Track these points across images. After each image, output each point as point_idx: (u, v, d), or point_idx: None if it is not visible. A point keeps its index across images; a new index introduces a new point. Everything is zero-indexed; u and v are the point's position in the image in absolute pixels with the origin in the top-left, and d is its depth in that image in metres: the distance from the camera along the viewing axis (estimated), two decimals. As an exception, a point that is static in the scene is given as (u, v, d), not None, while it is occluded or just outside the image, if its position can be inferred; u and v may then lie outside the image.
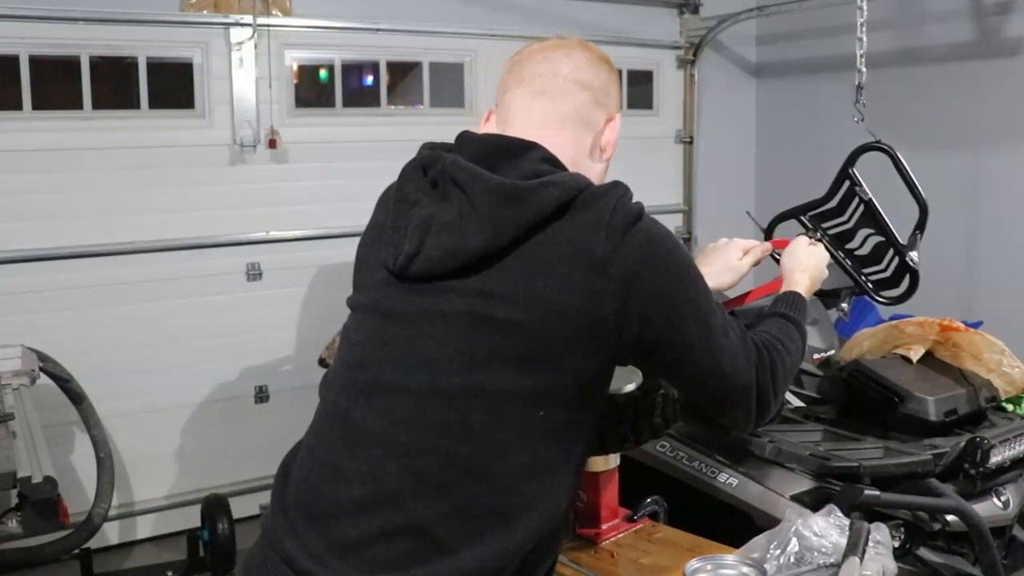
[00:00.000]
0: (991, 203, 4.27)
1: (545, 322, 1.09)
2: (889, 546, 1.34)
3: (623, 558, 1.60)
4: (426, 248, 1.14)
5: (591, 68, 1.27)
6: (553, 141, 1.22)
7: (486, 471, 1.10)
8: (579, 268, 1.09)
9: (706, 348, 1.16)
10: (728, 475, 2.29)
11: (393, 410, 1.13)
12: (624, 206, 1.14)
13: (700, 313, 1.16)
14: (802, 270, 1.57)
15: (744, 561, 1.36)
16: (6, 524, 2.18)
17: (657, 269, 1.12)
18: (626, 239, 1.11)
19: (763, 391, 1.22)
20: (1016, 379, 2.59)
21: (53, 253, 3.44)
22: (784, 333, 1.34)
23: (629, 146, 5.61)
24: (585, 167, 1.25)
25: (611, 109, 1.29)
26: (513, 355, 1.10)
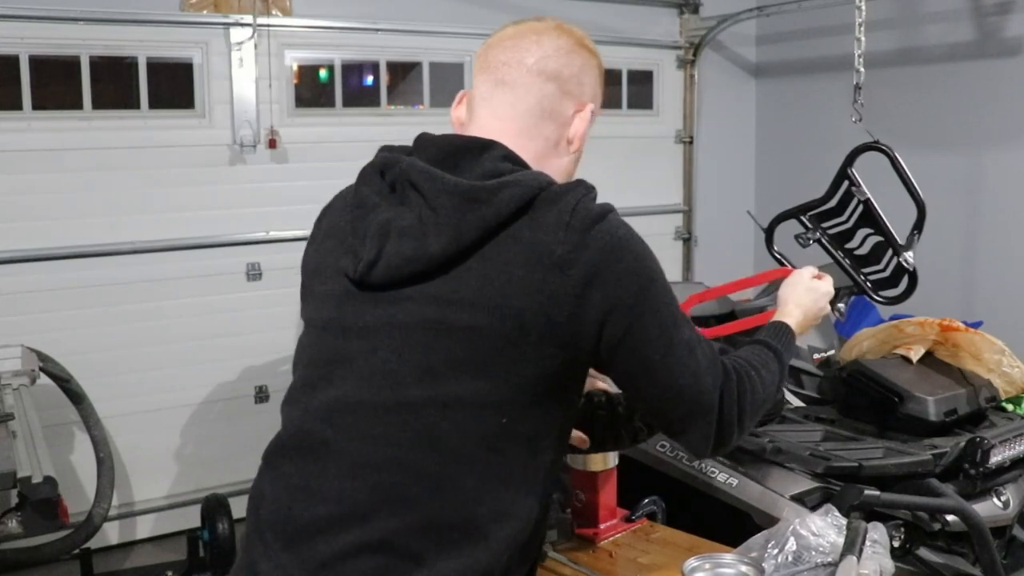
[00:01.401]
0: (991, 203, 4.27)
1: (502, 326, 1.06)
2: (886, 545, 1.34)
3: (621, 557, 1.60)
4: (386, 254, 1.11)
5: (561, 56, 1.21)
6: (514, 135, 1.18)
7: (455, 483, 1.08)
8: (537, 269, 1.06)
9: (666, 363, 1.12)
10: (728, 475, 2.29)
11: (358, 427, 1.11)
12: (585, 205, 1.10)
13: (663, 325, 1.11)
14: (797, 303, 1.50)
15: (742, 560, 1.36)
16: (6, 524, 2.18)
17: (618, 273, 1.08)
18: (586, 240, 1.08)
19: (726, 418, 1.16)
20: (1016, 379, 2.59)
21: (53, 253, 3.44)
22: (761, 362, 1.27)
23: (629, 146, 5.62)
24: (550, 161, 1.21)
25: (583, 98, 1.23)
26: (472, 362, 1.07)
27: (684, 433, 1.18)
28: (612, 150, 4.81)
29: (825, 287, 1.55)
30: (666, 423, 1.19)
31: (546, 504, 1.19)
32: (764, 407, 1.24)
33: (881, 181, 2.71)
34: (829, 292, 1.54)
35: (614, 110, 4.90)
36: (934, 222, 2.69)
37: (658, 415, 1.19)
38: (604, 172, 5.56)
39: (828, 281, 1.56)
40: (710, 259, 5.16)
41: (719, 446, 1.17)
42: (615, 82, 4.90)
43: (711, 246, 5.22)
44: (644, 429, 1.48)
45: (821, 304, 1.53)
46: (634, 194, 4.92)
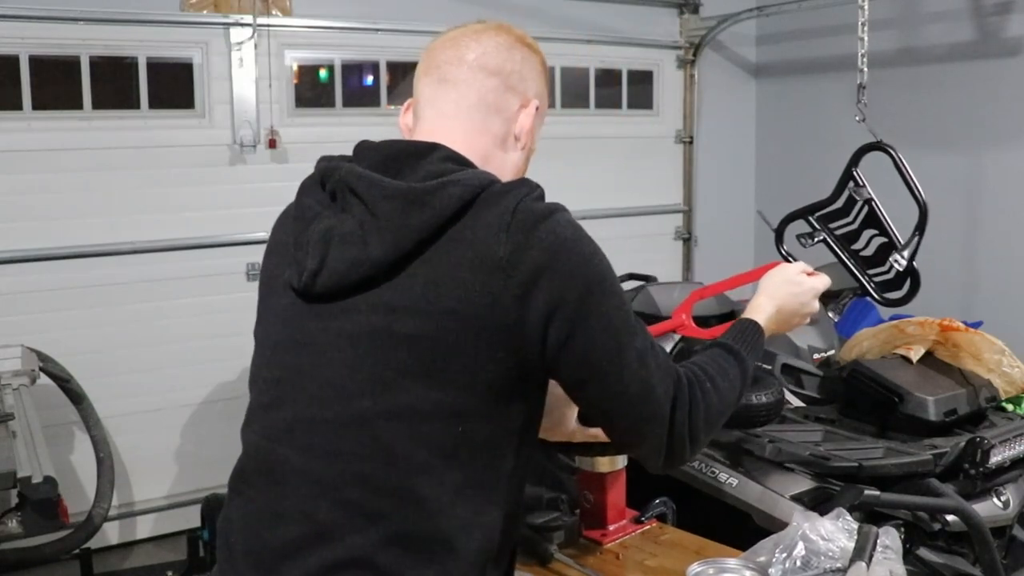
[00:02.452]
0: (991, 203, 4.27)
1: (448, 332, 1.04)
2: (899, 550, 1.34)
3: (629, 559, 1.59)
4: (329, 262, 1.09)
5: (502, 52, 1.21)
6: (460, 132, 1.17)
7: (415, 495, 1.05)
8: (480, 271, 1.03)
9: (615, 370, 1.07)
10: (728, 475, 2.29)
11: (315, 444, 1.09)
12: (527, 205, 1.07)
13: (610, 329, 1.07)
14: (771, 296, 1.37)
15: (747, 565, 1.36)
16: (6, 524, 2.17)
17: (563, 273, 1.05)
18: (530, 239, 1.04)
19: (678, 431, 1.11)
20: (1016, 379, 2.60)
21: (53, 253, 3.43)
22: (718, 369, 1.19)
23: (629, 146, 5.63)
24: (497, 158, 1.19)
25: (527, 93, 1.22)
26: (421, 371, 1.05)
27: (634, 445, 1.15)
28: (612, 150, 4.82)
29: (811, 283, 1.41)
30: (616, 433, 1.15)
31: (513, 512, 1.15)
32: (721, 419, 1.18)
33: (887, 182, 2.71)
34: (814, 288, 1.40)
35: (614, 110, 4.90)
36: (935, 222, 2.69)
37: (608, 425, 1.14)
38: (604, 172, 5.59)
39: (821, 278, 1.43)
40: (710, 259, 5.17)
41: (671, 459, 1.13)
42: (615, 82, 4.90)
43: (711, 246, 5.22)
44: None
45: (804, 300, 1.39)
46: (634, 194, 4.92)
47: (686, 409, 1.11)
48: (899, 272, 2.65)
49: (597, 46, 4.68)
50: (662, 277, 3.72)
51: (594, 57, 4.73)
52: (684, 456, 1.14)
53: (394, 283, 1.06)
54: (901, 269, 2.61)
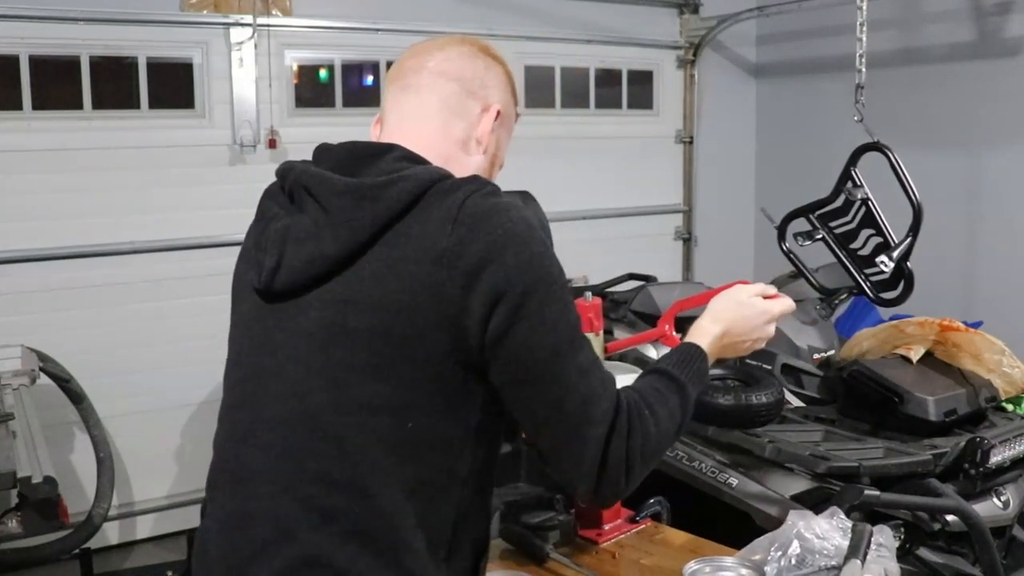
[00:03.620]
0: (991, 203, 4.27)
1: (395, 325, 1.04)
2: (892, 548, 1.34)
3: (624, 559, 1.59)
4: (286, 259, 1.11)
5: (463, 59, 1.23)
6: (419, 135, 1.18)
7: (368, 492, 1.05)
8: (424, 263, 1.03)
9: (550, 377, 1.05)
10: (728, 475, 2.29)
11: (274, 443, 1.10)
12: (477, 199, 1.07)
13: (551, 333, 1.05)
14: (717, 319, 1.29)
15: (743, 563, 1.36)
16: (6, 524, 2.18)
17: (507, 267, 1.03)
18: (476, 232, 1.04)
19: (613, 459, 1.05)
20: (1016, 379, 2.59)
21: (53, 253, 3.44)
22: (660, 399, 1.14)
23: (629, 146, 5.63)
24: (458, 161, 1.20)
25: (488, 99, 1.23)
26: (370, 364, 1.05)
27: (562, 464, 1.08)
28: (612, 150, 4.82)
29: (764, 306, 1.32)
30: (545, 448, 1.10)
31: (472, 512, 1.13)
32: (660, 453, 1.13)
33: (886, 181, 2.71)
34: (768, 312, 1.32)
35: (614, 110, 4.90)
36: (934, 222, 2.70)
37: (537, 436, 1.09)
38: (604, 172, 5.59)
39: (780, 301, 1.34)
40: (710, 259, 5.16)
41: (600, 489, 1.07)
42: (615, 82, 4.90)
43: (711, 246, 5.22)
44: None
45: (755, 324, 1.31)
46: (634, 194, 4.92)
47: (624, 437, 1.06)
48: (903, 272, 2.66)
49: (597, 46, 4.68)
50: (662, 277, 3.72)
51: (594, 57, 4.73)
52: (615, 488, 1.08)
53: (346, 278, 1.07)
54: (887, 271, 2.61)
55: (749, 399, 2.26)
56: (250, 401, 1.15)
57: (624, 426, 1.07)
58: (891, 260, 2.62)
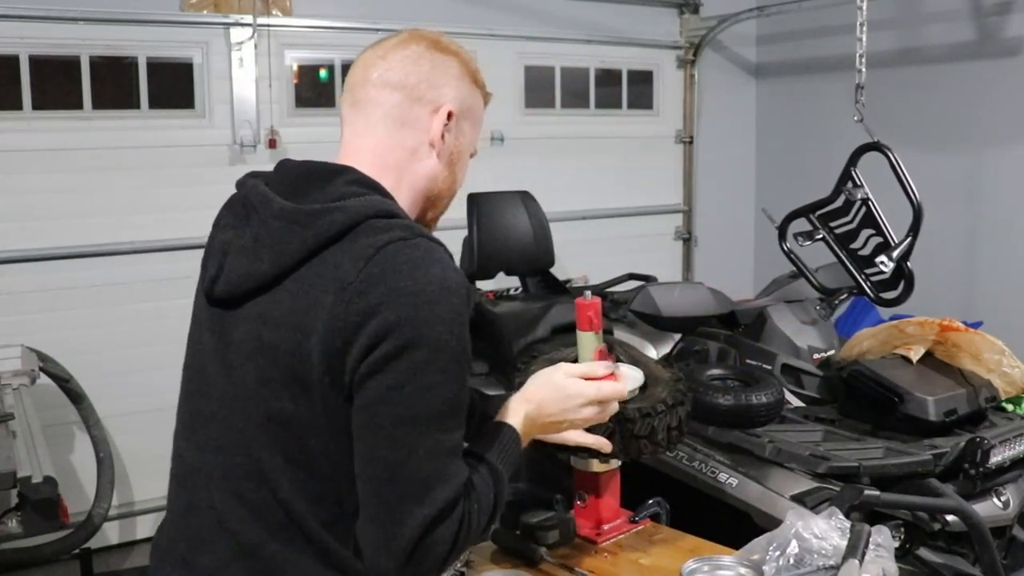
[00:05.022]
0: (991, 203, 4.27)
1: (299, 345, 1.07)
2: (890, 548, 1.34)
3: (623, 559, 1.59)
4: (225, 271, 1.16)
5: (406, 65, 1.21)
6: (368, 151, 1.20)
7: (280, 497, 1.10)
8: (330, 292, 1.05)
9: (397, 441, 1.03)
10: (728, 475, 2.29)
11: (210, 440, 1.17)
12: (399, 247, 1.06)
13: (418, 399, 1.03)
14: (527, 399, 1.25)
15: (741, 562, 1.36)
16: (6, 524, 2.18)
17: (401, 318, 1.03)
18: (383, 276, 1.04)
19: (432, 546, 1.03)
20: (1016, 379, 2.59)
21: (53, 253, 3.44)
22: (485, 493, 1.11)
23: (629, 146, 5.62)
24: (413, 169, 1.21)
25: (438, 100, 1.22)
26: (278, 380, 1.09)
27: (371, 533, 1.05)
28: (612, 150, 4.82)
29: (580, 389, 1.26)
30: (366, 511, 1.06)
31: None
32: (469, 543, 1.11)
33: (886, 182, 2.71)
34: (583, 395, 1.26)
35: (614, 110, 4.90)
36: (935, 221, 2.69)
37: (364, 494, 1.06)
38: (604, 172, 5.59)
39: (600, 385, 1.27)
40: (710, 259, 5.17)
41: (405, 568, 1.03)
42: (615, 82, 4.90)
43: (711, 246, 5.22)
44: (660, 444, 1.48)
45: (567, 406, 1.25)
46: (634, 194, 4.92)
47: (454, 528, 1.05)
48: (903, 272, 2.65)
49: (597, 46, 4.68)
50: (662, 277, 3.72)
51: (594, 57, 4.74)
52: (420, 571, 1.04)
53: (272, 295, 1.11)
54: (887, 271, 2.61)
55: (749, 399, 2.26)
56: (194, 398, 1.22)
57: (457, 516, 1.05)
58: (891, 260, 2.62)
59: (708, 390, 2.29)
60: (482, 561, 1.56)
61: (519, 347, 2.60)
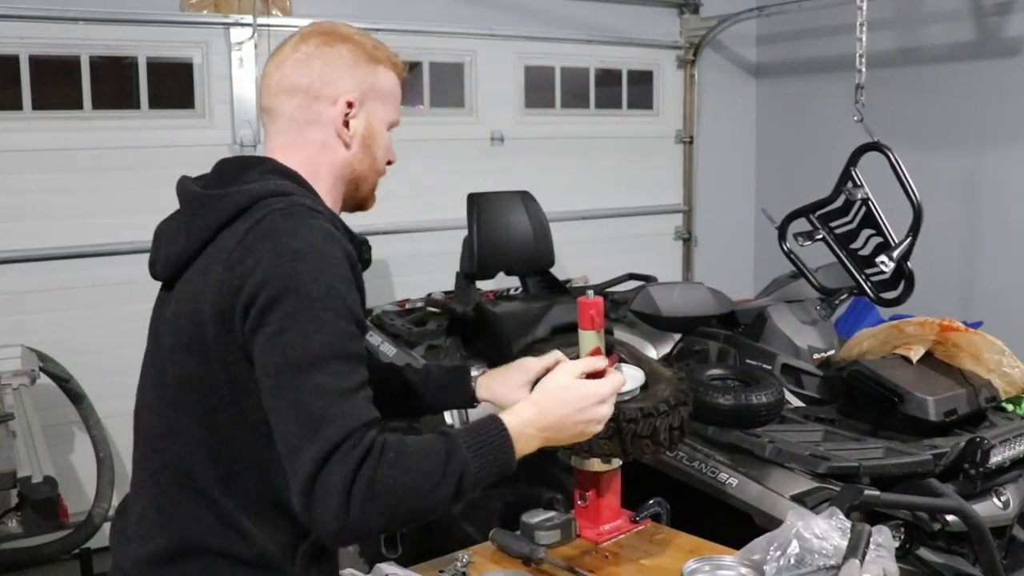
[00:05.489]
0: (991, 203, 4.27)
1: (197, 313, 1.17)
2: (891, 548, 1.34)
3: (624, 559, 1.59)
4: (160, 256, 1.28)
5: (298, 69, 1.29)
6: (283, 150, 1.30)
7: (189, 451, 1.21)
8: (219, 264, 1.16)
9: (284, 389, 1.09)
10: (728, 475, 2.28)
11: (139, 429, 1.30)
12: (275, 217, 1.15)
13: (292, 347, 1.09)
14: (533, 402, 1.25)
15: (742, 562, 1.37)
16: (6, 524, 2.18)
17: (268, 276, 1.11)
18: (258, 244, 1.14)
19: (326, 485, 1.05)
20: (1016, 379, 2.59)
21: (53, 253, 3.44)
22: (422, 453, 1.11)
23: (629, 146, 5.62)
24: (327, 160, 1.30)
25: (336, 94, 1.29)
26: (182, 346, 1.19)
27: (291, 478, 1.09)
28: (612, 150, 4.82)
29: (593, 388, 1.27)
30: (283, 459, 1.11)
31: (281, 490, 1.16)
32: (401, 505, 1.08)
33: (888, 182, 2.71)
34: (597, 394, 1.26)
35: (614, 110, 4.90)
36: (935, 221, 2.69)
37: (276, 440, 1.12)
38: (604, 172, 5.58)
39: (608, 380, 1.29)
40: (710, 259, 5.17)
41: (313, 514, 1.06)
42: (615, 82, 4.90)
43: (711, 246, 5.22)
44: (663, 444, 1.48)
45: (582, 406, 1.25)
46: (634, 194, 4.92)
47: (350, 466, 1.05)
48: (903, 272, 2.65)
49: (597, 46, 4.68)
50: (662, 277, 3.72)
51: (594, 57, 4.74)
52: (328, 514, 1.06)
53: (188, 273, 1.22)
54: (887, 271, 2.61)
55: (749, 399, 2.26)
56: (139, 386, 1.32)
57: (354, 455, 1.06)
58: (891, 260, 2.62)
59: (708, 390, 2.28)
60: (482, 561, 1.56)
61: (519, 347, 2.60)
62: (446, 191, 3.97)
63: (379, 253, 4.96)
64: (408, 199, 4.11)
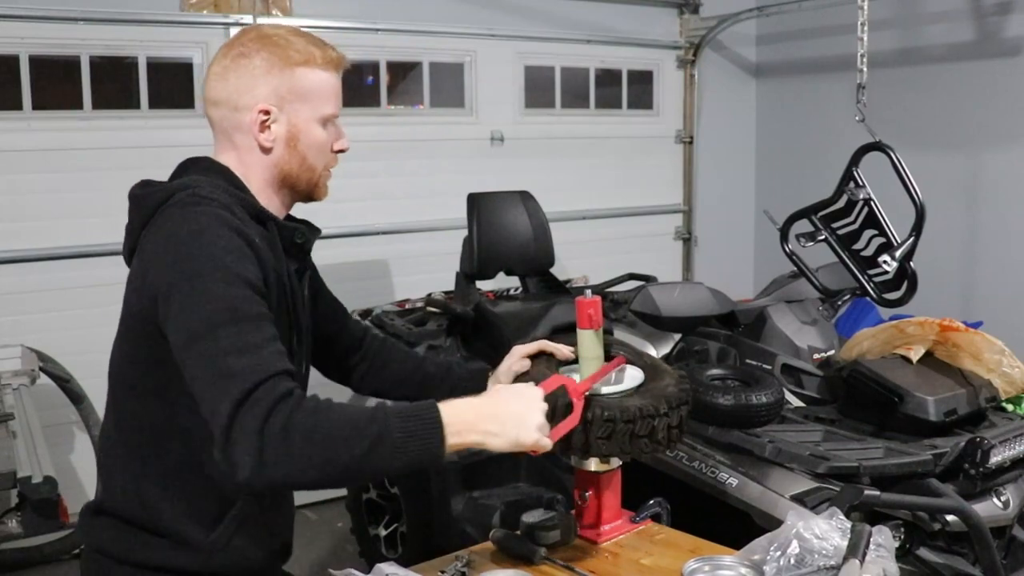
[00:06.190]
0: (991, 203, 4.27)
1: (130, 296, 1.33)
2: (891, 548, 1.33)
3: (624, 559, 1.59)
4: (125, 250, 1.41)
5: (218, 83, 1.39)
6: (219, 154, 1.43)
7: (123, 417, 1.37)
8: (138, 252, 1.32)
9: (193, 359, 1.18)
10: (728, 475, 2.28)
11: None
12: (171, 208, 1.29)
13: (190, 321, 1.19)
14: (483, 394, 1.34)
15: (742, 562, 1.36)
16: (6, 524, 2.18)
17: (161, 266, 1.26)
18: (153, 233, 1.29)
19: (240, 432, 1.11)
20: (1016, 379, 2.58)
21: (53, 253, 3.44)
22: (345, 415, 1.15)
23: (629, 146, 5.63)
24: (254, 163, 1.40)
25: (255, 101, 1.36)
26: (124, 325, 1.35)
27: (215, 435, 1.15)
28: (612, 150, 4.82)
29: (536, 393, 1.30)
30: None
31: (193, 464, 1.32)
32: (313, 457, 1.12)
33: (890, 182, 2.71)
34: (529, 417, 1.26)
35: (614, 110, 4.91)
36: (935, 222, 2.68)
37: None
38: (604, 172, 5.59)
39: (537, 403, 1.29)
40: (710, 259, 5.17)
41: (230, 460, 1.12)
42: (615, 82, 4.90)
43: (711, 246, 5.22)
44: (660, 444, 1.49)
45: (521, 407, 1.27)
46: (634, 194, 4.92)
47: (260, 414, 1.11)
48: (905, 272, 2.65)
49: (597, 46, 4.69)
50: (662, 277, 3.72)
51: (594, 57, 4.74)
52: (242, 461, 1.11)
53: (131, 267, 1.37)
54: (890, 271, 2.61)
55: (749, 399, 2.26)
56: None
57: (266, 401, 1.13)
58: (894, 260, 2.62)
59: (708, 390, 2.28)
60: (482, 561, 1.56)
61: (519, 347, 2.60)
62: (446, 191, 3.97)
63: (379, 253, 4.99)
64: (408, 199, 4.11)
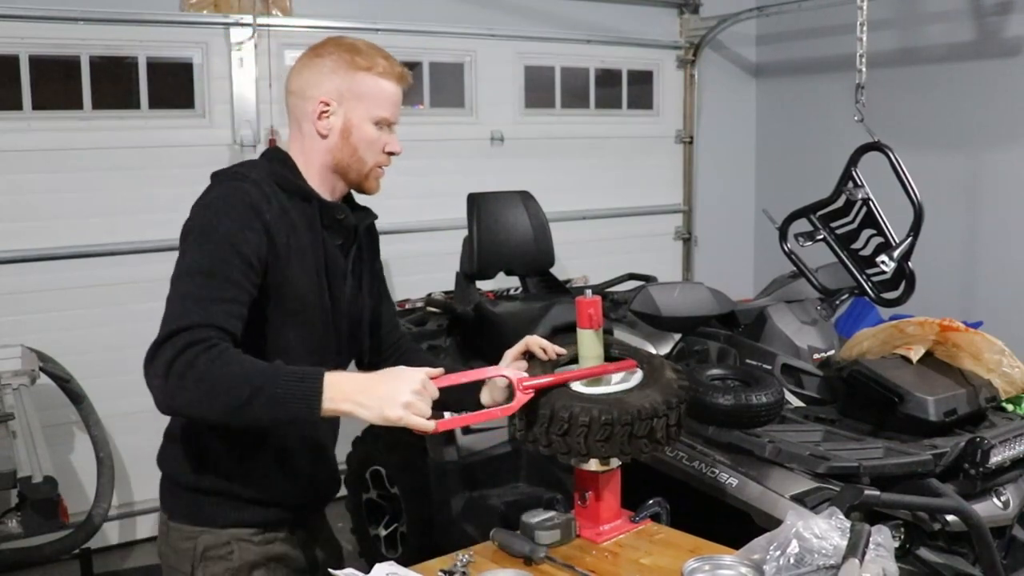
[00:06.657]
0: (991, 203, 4.27)
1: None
2: (890, 548, 1.33)
3: (623, 558, 1.59)
4: None
5: (296, 74, 1.62)
6: (289, 140, 1.64)
7: None
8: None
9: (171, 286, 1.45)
10: (728, 475, 2.28)
11: None
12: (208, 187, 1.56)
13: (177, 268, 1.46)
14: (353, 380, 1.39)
15: (742, 562, 1.36)
16: (6, 524, 2.18)
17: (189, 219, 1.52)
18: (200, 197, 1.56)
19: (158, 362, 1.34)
20: (1016, 379, 2.58)
21: (53, 253, 3.44)
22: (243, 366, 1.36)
23: (629, 146, 5.63)
24: (313, 149, 1.61)
25: (318, 96, 1.58)
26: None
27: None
28: (612, 150, 4.82)
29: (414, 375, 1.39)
30: None
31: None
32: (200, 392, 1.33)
33: (889, 182, 2.71)
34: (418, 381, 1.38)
35: (614, 110, 4.91)
36: (935, 222, 2.69)
37: None
38: (604, 172, 5.59)
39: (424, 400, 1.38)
40: (710, 259, 5.17)
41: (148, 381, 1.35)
42: (615, 82, 4.90)
43: (711, 246, 5.22)
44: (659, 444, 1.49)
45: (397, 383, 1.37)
46: (634, 194, 4.92)
47: (177, 348, 1.34)
48: (904, 272, 2.65)
49: (597, 46, 4.69)
50: (662, 277, 3.72)
51: (594, 57, 4.74)
52: (152, 382, 1.35)
53: None
54: (888, 271, 2.61)
55: (749, 399, 2.26)
56: None
57: (183, 340, 1.35)
58: (892, 260, 2.62)
59: (708, 390, 2.28)
60: (482, 561, 1.56)
61: (519, 347, 2.60)
62: (446, 191, 3.97)
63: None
64: (408, 199, 4.11)
